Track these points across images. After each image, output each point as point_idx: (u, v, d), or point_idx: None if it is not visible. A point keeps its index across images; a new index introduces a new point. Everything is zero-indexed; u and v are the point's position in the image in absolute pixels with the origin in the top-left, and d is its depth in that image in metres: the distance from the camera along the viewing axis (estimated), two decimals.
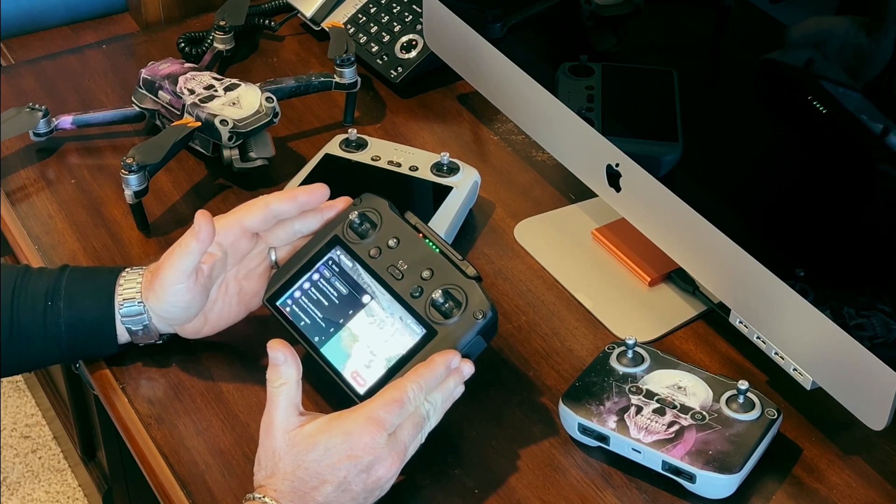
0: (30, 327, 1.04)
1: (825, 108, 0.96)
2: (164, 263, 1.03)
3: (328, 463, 0.92)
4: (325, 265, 1.05)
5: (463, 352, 0.99)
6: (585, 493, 1.00)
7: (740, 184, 1.08)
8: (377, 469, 0.93)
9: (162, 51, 1.49)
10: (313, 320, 1.04)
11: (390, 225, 1.05)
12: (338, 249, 1.06)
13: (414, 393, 0.94)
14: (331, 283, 1.05)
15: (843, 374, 0.98)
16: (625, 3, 1.15)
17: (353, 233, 1.06)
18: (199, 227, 1.01)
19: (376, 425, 0.92)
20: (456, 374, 0.98)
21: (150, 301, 1.04)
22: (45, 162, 1.32)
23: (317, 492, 0.91)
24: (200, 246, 1.01)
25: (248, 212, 1.05)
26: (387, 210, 1.06)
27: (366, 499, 0.93)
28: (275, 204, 1.05)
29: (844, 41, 0.93)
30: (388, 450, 0.93)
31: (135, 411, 1.06)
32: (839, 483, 1.02)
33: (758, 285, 1.02)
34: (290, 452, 0.92)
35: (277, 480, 0.92)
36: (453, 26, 1.30)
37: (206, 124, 1.23)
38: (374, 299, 1.03)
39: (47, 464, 2.03)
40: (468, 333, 0.99)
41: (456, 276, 1.01)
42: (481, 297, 1.00)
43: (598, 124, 1.16)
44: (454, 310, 1.00)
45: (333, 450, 0.92)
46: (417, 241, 1.04)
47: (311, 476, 0.92)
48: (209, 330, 1.07)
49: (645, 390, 1.02)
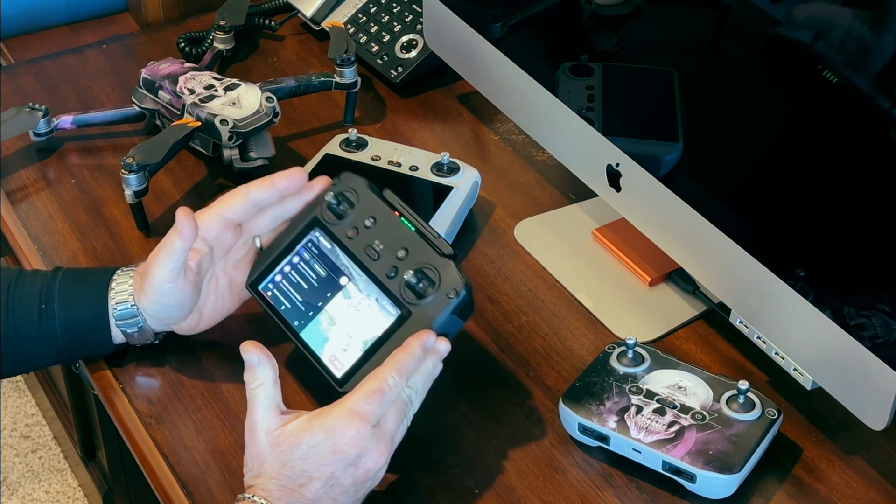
0: (26, 330, 1.04)
1: (831, 86, 0.95)
2: (150, 264, 1.03)
3: (313, 460, 0.91)
4: (305, 248, 1.05)
5: (438, 332, 0.98)
6: (586, 493, 1.00)
7: (740, 184, 1.08)
8: (365, 461, 0.92)
9: (162, 50, 1.49)
10: (293, 304, 1.03)
11: (367, 204, 1.04)
12: (317, 231, 1.05)
13: (394, 380, 0.93)
14: (310, 266, 1.04)
15: (844, 374, 0.98)
16: (625, 3, 1.15)
17: (332, 213, 1.04)
18: (180, 224, 1.00)
19: (359, 419, 0.92)
20: (433, 354, 0.97)
21: (143, 302, 1.04)
22: (45, 162, 1.32)
23: (305, 489, 0.91)
24: (184, 244, 1.00)
25: (229, 203, 1.04)
26: (364, 189, 1.05)
27: (357, 491, 0.93)
28: (254, 192, 1.04)
29: (847, 33, 0.93)
30: (373, 441, 0.92)
31: (135, 411, 1.06)
32: (839, 483, 1.02)
33: (758, 285, 1.02)
34: (273, 452, 0.92)
35: (265, 480, 0.91)
36: (453, 26, 1.30)
37: (207, 124, 1.23)
38: (351, 281, 1.02)
39: (47, 464, 2.03)
40: (442, 313, 0.98)
41: (430, 255, 1.00)
42: (455, 276, 0.98)
43: (598, 124, 1.15)
44: (428, 289, 0.99)
45: (317, 447, 0.91)
46: (394, 220, 1.03)
47: (298, 474, 0.91)
48: (205, 325, 1.07)
49: (645, 390, 1.02)
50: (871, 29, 0.92)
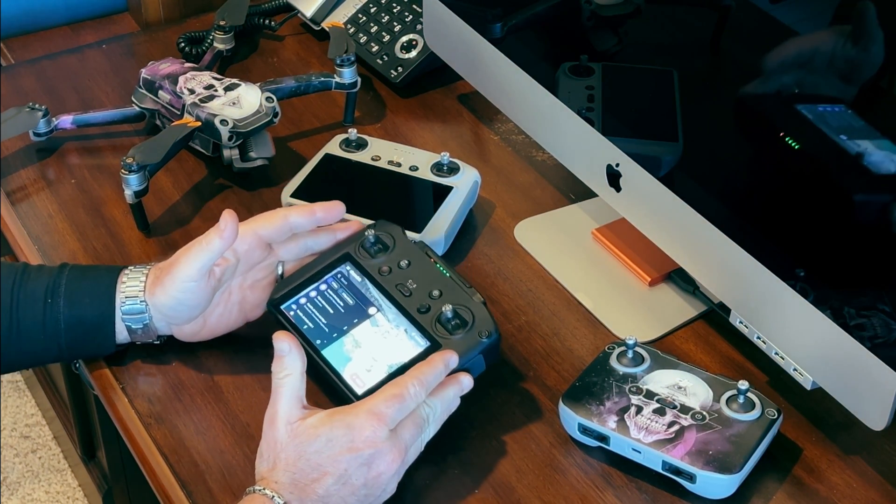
0: (29, 325, 1.04)
1: (806, 139, 0.96)
2: (180, 258, 1.04)
3: (329, 454, 0.92)
4: (334, 277, 1.07)
5: (460, 368, 1.00)
6: (585, 494, 1.00)
7: (740, 183, 1.07)
8: (378, 464, 0.93)
9: (162, 50, 1.49)
10: (317, 325, 1.04)
11: (403, 248, 1.08)
12: (348, 265, 1.07)
13: (414, 389, 0.95)
14: (338, 294, 1.06)
15: (844, 374, 0.98)
16: (625, 3, 1.15)
17: (365, 252, 1.07)
18: (224, 224, 1.01)
19: (377, 419, 0.93)
20: (455, 384, 0.99)
21: (157, 296, 1.04)
22: (45, 162, 1.32)
23: (317, 484, 0.92)
24: (223, 244, 1.02)
25: (266, 222, 1.06)
26: (400, 235, 1.09)
27: (366, 495, 0.94)
28: (293, 216, 1.06)
29: (832, 55, 0.94)
30: (389, 445, 0.93)
31: (135, 411, 1.06)
32: (839, 483, 1.02)
33: (758, 285, 1.02)
34: (292, 443, 0.93)
35: (279, 472, 0.92)
36: (453, 26, 1.30)
37: (207, 124, 1.23)
38: (380, 311, 1.04)
39: (47, 464, 2.03)
40: (471, 350, 1.01)
41: (464, 297, 1.04)
42: (488, 319, 1.02)
43: (598, 124, 1.15)
44: (460, 328, 1.02)
45: (335, 441, 0.92)
46: (428, 263, 1.06)
47: (312, 468, 0.92)
48: (205, 334, 1.08)
49: (645, 390, 1.02)
50: (855, 45, 0.93)
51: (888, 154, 0.92)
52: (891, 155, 0.92)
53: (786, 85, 0.99)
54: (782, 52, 0.99)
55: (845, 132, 0.95)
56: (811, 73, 0.97)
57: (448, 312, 1.01)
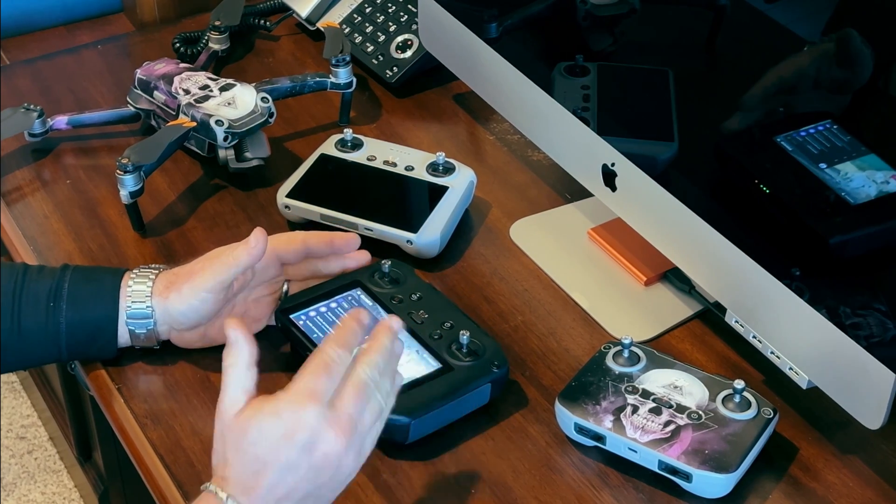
0: (32, 327, 1.04)
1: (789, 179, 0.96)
2: (203, 267, 1.04)
3: (266, 445, 0.87)
4: (345, 298, 1.08)
5: (468, 392, 1.01)
6: (582, 493, 1.00)
7: (736, 183, 1.08)
8: (319, 445, 0.86)
9: (157, 51, 1.49)
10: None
11: (414, 284, 1.10)
12: (359, 290, 1.09)
13: (334, 351, 0.88)
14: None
15: (840, 373, 0.98)
16: (620, 3, 1.15)
17: (378, 281, 1.10)
18: (255, 242, 1.02)
19: (306, 397, 0.87)
20: (384, 330, 0.91)
21: (171, 300, 1.04)
22: (40, 162, 1.32)
23: (261, 476, 0.87)
24: (250, 261, 1.03)
25: (286, 243, 1.08)
26: (412, 273, 1.11)
27: (316, 477, 0.87)
28: (312, 241, 1.09)
29: (818, 74, 0.96)
30: (327, 423, 0.87)
31: (131, 412, 1.06)
32: (836, 482, 1.02)
33: (754, 284, 1.02)
34: (232, 437, 0.88)
35: (228, 468, 0.88)
36: (449, 26, 1.30)
37: (202, 124, 1.23)
38: None
39: (43, 465, 2.03)
40: (481, 378, 1.02)
41: (476, 331, 1.05)
42: (500, 353, 1.04)
43: (593, 124, 1.16)
44: (472, 355, 1.03)
45: (266, 431, 0.87)
46: (441, 297, 1.09)
47: (252, 460, 0.87)
48: (203, 343, 1.08)
49: (641, 390, 1.02)
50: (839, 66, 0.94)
51: (867, 176, 0.93)
52: (873, 174, 0.92)
53: (771, 107, 1.00)
54: (768, 79, 1.01)
55: (825, 159, 0.95)
56: (796, 94, 0.98)
57: (464, 339, 1.03)
